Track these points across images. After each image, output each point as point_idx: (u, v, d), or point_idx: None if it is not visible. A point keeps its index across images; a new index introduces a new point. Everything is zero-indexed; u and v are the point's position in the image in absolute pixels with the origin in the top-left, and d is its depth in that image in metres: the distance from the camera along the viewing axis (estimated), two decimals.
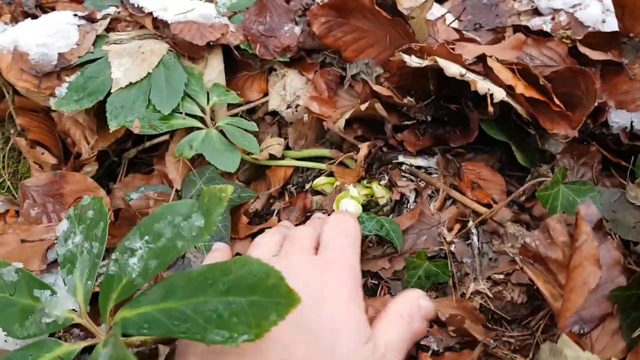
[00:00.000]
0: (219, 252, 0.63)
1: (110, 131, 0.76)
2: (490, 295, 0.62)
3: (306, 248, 0.57)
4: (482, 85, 0.65)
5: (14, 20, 1.07)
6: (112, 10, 0.96)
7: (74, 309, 0.46)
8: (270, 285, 0.32)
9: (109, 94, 0.79)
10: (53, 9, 1.17)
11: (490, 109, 0.63)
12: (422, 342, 0.59)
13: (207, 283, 0.34)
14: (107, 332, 0.41)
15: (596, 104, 0.67)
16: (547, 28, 0.88)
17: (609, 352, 0.54)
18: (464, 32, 0.93)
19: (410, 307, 0.54)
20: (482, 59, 0.71)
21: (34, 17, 1.05)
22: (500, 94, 0.65)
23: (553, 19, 0.90)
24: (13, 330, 0.44)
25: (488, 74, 0.69)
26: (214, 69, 0.85)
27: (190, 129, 0.80)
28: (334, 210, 0.73)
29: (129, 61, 0.81)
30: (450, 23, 0.92)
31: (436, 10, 0.98)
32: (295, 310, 0.33)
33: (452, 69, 0.66)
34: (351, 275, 0.54)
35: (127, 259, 0.40)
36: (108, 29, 0.90)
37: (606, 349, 0.54)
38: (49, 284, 0.50)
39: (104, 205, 0.50)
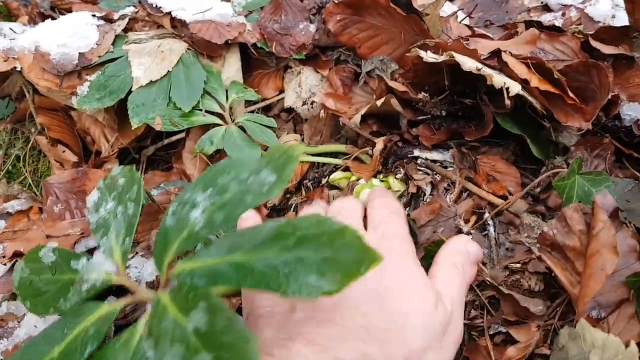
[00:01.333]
0: (253, 220, 0.59)
1: (132, 128, 0.78)
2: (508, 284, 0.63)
3: (358, 220, 0.56)
4: (498, 79, 0.66)
5: (32, 21, 1.09)
6: (128, 10, 0.98)
7: (111, 272, 0.46)
8: (347, 241, 0.32)
9: (129, 92, 0.81)
10: (68, 10, 1.19)
11: (507, 102, 0.65)
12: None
13: (276, 238, 0.33)
14: (163, 284, 0.39)
15: (609, 97, 0.69)
16: (559, 24, 0.89)
17: (626, 336, 0.55)
18: (475, 28, 0.94)
19: (461, 256, 0.54)
20: (496, 53, 0.72)
21: (51, 18, 1.07)
22: (515, 88, 0.66)
23: (563, 14, 0.92)
24: (58, 306, 0.45)
25: (503, 68, 0.71)
26: (231, 67, 0.87)
27: (206, 127, 0.82)
28: None
29: (149, 60, 0.82)
30: (462, 20, 0.94)
31: (447, 8, 0.99)
32: (368, 274, 0.32)
33: (469, 64, 0.67)
34: (411, 247, 0.53)
35: (188, 211, 0.38)
36: (126, 29, 0.92)
37: (623, 333, 0.56)
38: None
39: (135, 172, 0.49)
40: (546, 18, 0.93)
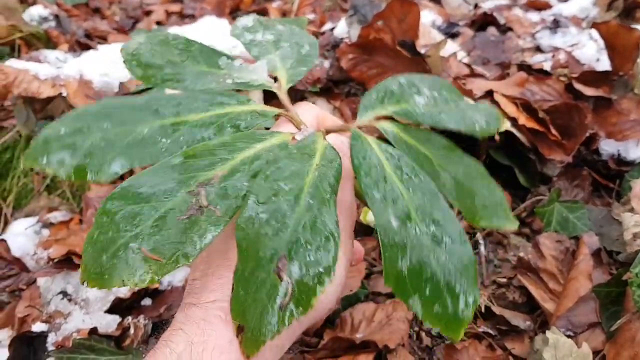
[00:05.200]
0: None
1: None
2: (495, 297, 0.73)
3: None
4: None
5: (71, 49, 1.20)
6: None
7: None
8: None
9: None
10: (103, 37, 1.31)
11: (497, 137, 0.74)
12: None
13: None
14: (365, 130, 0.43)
15: (587, 134, 0.78)
16: (548, 65, 0.99)
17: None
18: (473, 66, 1.04)
19: None
20: (490, 93, 0.82)
21: (89, 47, 1.18)
22: (505, 125, 0.76)
23: (553, 56, 1.02)
24: (179, 84, 0.42)
25: (495, 107, 0.81)
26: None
27: None
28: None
29: None
30: (462, 59, 1.04)
31: (449, 46, 1.09)
32: None
33: None
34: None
35: (413, 93, 0.45)
36: None
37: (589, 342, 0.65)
38: None
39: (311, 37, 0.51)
40: (538, 59, 1.03)
